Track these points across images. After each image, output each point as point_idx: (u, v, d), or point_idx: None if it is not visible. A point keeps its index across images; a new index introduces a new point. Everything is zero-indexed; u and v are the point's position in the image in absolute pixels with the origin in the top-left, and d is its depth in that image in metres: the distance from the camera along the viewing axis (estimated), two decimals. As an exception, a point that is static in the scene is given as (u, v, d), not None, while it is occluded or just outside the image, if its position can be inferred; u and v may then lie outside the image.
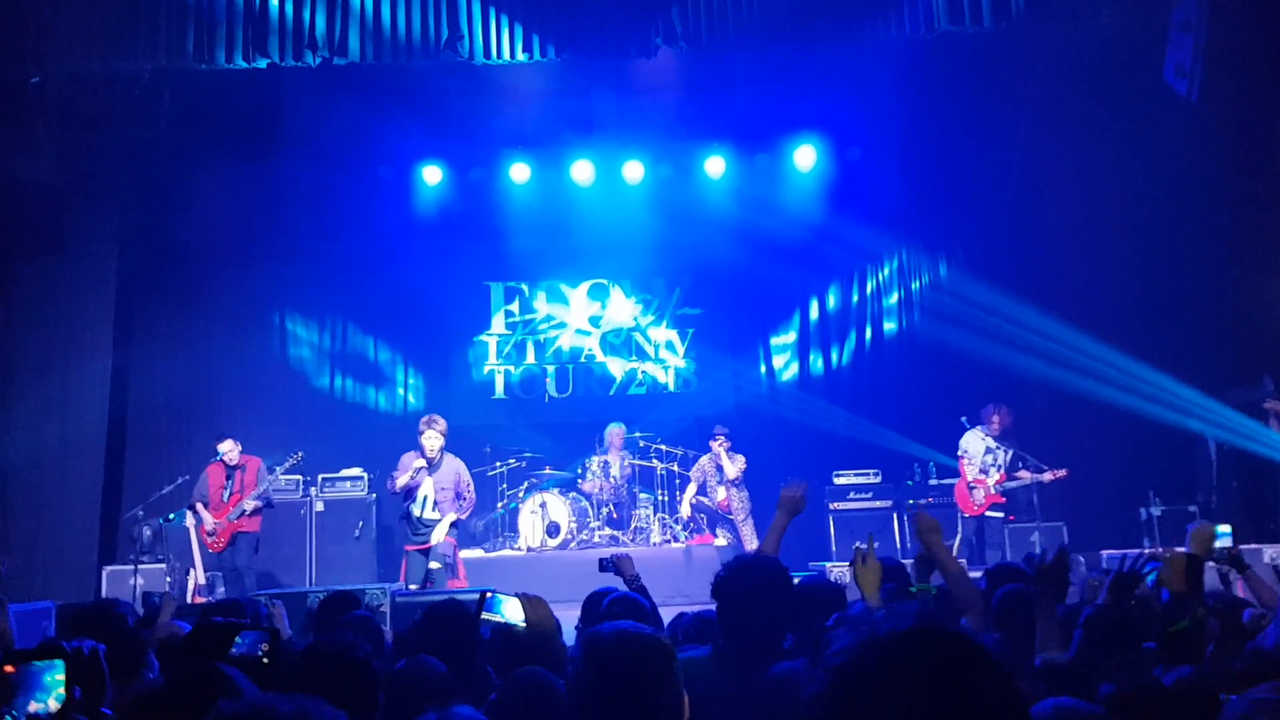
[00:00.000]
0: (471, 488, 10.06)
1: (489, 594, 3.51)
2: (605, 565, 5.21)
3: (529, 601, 3.38)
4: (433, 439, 9.78)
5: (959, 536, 10.65)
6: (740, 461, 11.24)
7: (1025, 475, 10.62)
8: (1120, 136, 11.35)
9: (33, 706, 2.43)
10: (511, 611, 3.45)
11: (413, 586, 9.52)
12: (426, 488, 9.77)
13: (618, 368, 13.67)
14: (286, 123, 11.78)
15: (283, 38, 9.59)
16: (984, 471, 10.63)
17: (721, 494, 11.28)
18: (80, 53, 9.57)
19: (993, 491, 10.58)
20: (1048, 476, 10.49)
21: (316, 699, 1.67)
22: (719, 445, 11.30)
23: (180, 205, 12.10)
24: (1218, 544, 4.93)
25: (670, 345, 13.74)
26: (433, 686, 3.30)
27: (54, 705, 2.46)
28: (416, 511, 9.76)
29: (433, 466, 9.80)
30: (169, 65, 9.78)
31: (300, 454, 10.54)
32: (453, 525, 9.82)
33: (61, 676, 2.48)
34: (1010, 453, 10.66)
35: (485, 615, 3.49)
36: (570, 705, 2.35)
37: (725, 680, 3.07)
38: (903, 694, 1.22)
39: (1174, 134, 10.62)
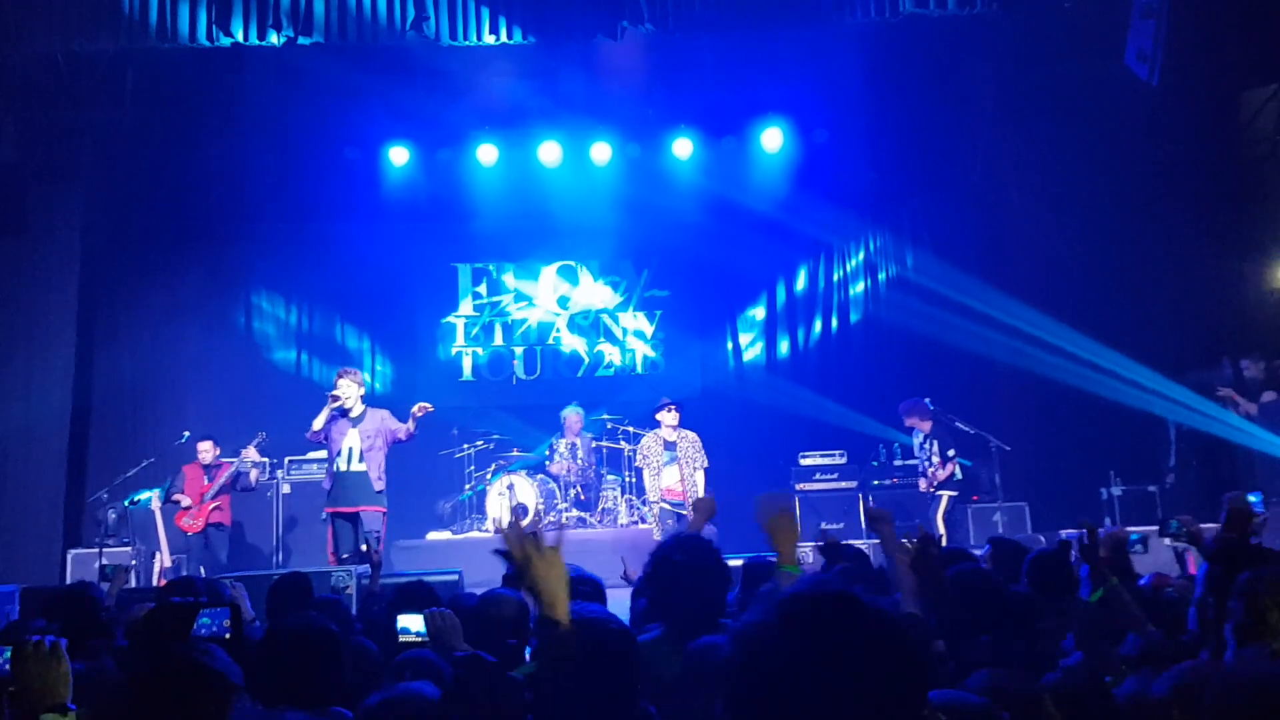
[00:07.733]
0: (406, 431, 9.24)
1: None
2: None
3: (431, 617, 3.46)
4: (348, 388, 9.16)
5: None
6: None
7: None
8: (1083, 120, 11.47)
9: None
10: (414, 625, 3.52)
11: (344, 556, 8.86)
12: (351, 439, 9.16)
13: (586, 350, 13.68)
14: (251, 103, 11.72)
15: (247, 16, 9.50)
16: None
17: (672, 476, 10.39)
18: (41, 31, 9.46)
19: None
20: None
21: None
22: (670, 415, 10.40)
23: (144, 186, 12.00)
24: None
25: (639, 330, 13.77)
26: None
27: None
28: (341, 466, 9.10)
29: (355, 419, 9.23)
30: (131, 44, 9.67)
31: (264, 434, 10.51)
32: (380, 493, 9.09)
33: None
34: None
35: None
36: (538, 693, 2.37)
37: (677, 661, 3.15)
38: (800, 651, 1.33)
39: (1136, 118, 10.78)
